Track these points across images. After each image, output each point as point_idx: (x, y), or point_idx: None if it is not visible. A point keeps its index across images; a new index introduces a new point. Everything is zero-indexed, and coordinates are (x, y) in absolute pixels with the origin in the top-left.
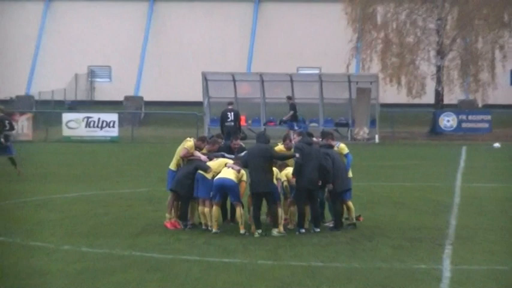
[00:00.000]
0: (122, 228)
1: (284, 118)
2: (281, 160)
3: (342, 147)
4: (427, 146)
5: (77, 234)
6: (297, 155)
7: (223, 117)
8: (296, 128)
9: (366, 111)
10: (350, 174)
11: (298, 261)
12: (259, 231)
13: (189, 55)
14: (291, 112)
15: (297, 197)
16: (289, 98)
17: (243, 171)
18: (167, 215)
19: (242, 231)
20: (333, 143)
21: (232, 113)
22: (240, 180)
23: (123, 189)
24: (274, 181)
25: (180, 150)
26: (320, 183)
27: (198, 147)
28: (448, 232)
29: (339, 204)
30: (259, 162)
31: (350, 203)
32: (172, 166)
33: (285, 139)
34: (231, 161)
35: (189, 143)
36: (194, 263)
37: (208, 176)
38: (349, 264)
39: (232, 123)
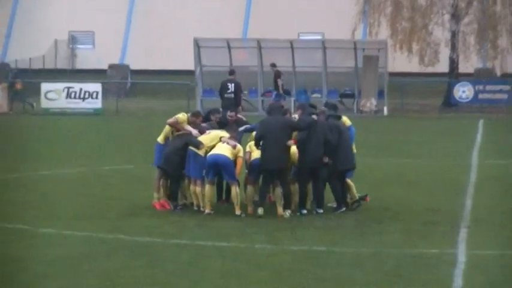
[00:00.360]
0: (105, 209)
1: (281, 91)
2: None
3: (344, 119)
4: (441, 119)
5: (56, 216)
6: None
7: (223, 88)
8: (275, 98)
9: (374, 81)
10: (353, 150)
11: (300, 246)
12: (261, 209)
13: (179, 19)
14: (279, 81)
15: (300, 175)
16: (273, 65)
17: (239, 147)
18: (155, 195)
19: (238, 212)
20: None
21: (232, 84)
22: (236, 156)
23: (107, 166)
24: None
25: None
26: (327, 159)
27: (192, 124)
28: (463, 214)
29: (338, 183)
30: (278, 136)
31: (349, 181)
32: (160, 139)
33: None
34: (226, 135)
35: (182, 116)
36: (185, 247)
37: (201, 152)
38: (355, 249)
39: (233, 95)
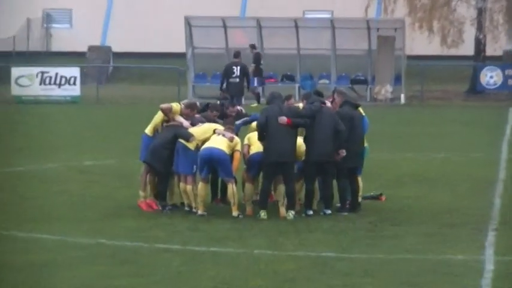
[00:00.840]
0: (85, 210)
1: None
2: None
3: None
4: (465, 108)
5: (29, 219)
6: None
7: (227, 73)
8: (256, 84)
9: (389, 65)
10: (365, 144)
11: (305, 252)
12: (264, 213)
13: None
14: (253, 65)
15: (306, 171)
16: (252, 46)
17: (236, 139)
18: (141, 193)
19: (235, 213)
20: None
21: (238, 67)
22: (233, 150)
23: (86, 162)
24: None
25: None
26: (344, 152)
27: (185, 116)
28: (491, 215)
29: (346, 181)
30: (282, 126)
31: (359, 180)
32: (148, 130)
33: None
34: (220, 127)
35: (176, 107)
36: (175, 253)
37: (191, 146)
38: (367, 255)
39: (238, 80)
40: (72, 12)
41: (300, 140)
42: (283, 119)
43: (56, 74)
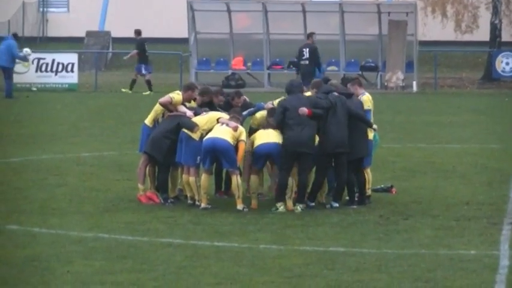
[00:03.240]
0: (82, 203)
1: (125, 57)
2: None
3: (365, 99)
4: (481, 95)
5: (25, 211)
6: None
7: (299, 55)
8: (144, 72)
9: (401, 51)
10: (370, 136)
11: (313, 246)
12: (282, 206)
13: None
14: (134, 51)
15: (319, 162)
16: (137, 32)
17: (241, 129)
18: (140, 186)
19: (240, 206)
20: (359, 91)
21: (307, 49)
22: (237, 140)
23: (83, 152)
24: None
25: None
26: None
27: (187, 100)
28: (507, 208)
29: (352, 174)
30: (303, 117)
31: (368, 171)
32: (148, 121)
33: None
34: (224, 115)
35: (177, 96)
36: (177, 247)
37: (195, 135)
38: (378, 250)
39: (307, 62)
40: None
41: None
42: (303, 110)
43: (53, 61)
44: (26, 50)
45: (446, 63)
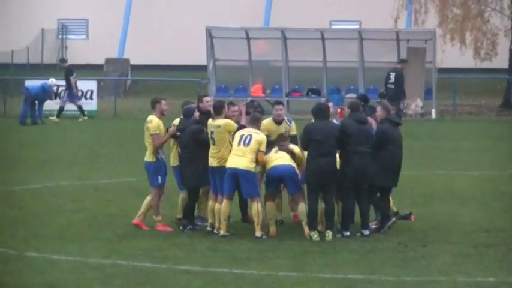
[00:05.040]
0: (100, 229)
1: (74, 90)
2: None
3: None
4: (499, 122)
5: (43, 237)
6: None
7: (386, 78)
8: (65, 98)
9: (420, 78)
10: None
11: (332, 273)
12: (316, 235)
13: (188, 5)
14: (73, 80)
15: (342, 190)
16: (62, 61)
17: (261, 138)
18: (156, 218)
19: (258, 233)
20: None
21: (394, 74)
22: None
23: (102, 179)
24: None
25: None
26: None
27: (161, 114)
28: None
29: (379, 200)
30: (330, 145)
31: (390, 199)
32: (149, 158)
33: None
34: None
35: (152, 122)
36: (195, 274)
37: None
38: (396, 277)
39: (393, 86)
40: (88, 23)
41: (297, 149)
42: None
43: None
44: (52, 80)
45: (464, 90)
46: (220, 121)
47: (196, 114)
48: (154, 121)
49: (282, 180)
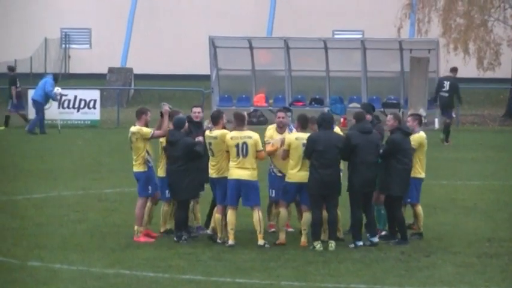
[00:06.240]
0: (103, 239)
1: (15, 101)
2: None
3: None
4: (503, 132)
5: (46, 247)
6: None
7: (439, 86)
8: (11, 108)
9: (423, 88)
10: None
11: (335, 283)
12: (319, 244)
13: (191, 14)
14: (13, 89)
15: (351, 200)
16: (10, 69)
17: (255, 138)
18: (139, 228)
19: (261, 242)
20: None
21: (448, 82)
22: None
23: (105, 189)
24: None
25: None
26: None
27: (145, 125)
28: None
29: (400, 211)
30: (333, 156)
31: (419, 208)
32: (138, 168)
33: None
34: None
35: (142, 130)
36: (198, 284)
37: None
38: (400, 287)
39: (447, 94)
40: (91, 32)
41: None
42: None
43: (75, 97)
44: (58, 89)
45: (468, 100)
46: (217, 132)
47: (186, 124)
48: (143, 129)
49: (299, 192)
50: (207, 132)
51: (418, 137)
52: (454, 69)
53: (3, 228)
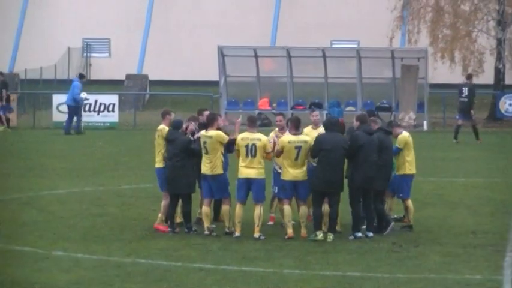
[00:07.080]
0: (121, 231)
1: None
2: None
3: (402, 138)
4: (486, 134)
5: (69, 238)
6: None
7: (459, 92)
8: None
9: (413, 93)
10: (407, 171)
11: (332, 271)
12: (320, 234)
13: (202, 26)
14: (4, 92)
15: (351, 196)
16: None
17: (264, 141)
18: (162, 217)
19: (256, 235)
20: (398, 130)
21: (466, 88)
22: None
23: (123, 185)
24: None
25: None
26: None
27: (168, 125)
28: (510, 236)
29: (379, 204)
30: (338, 156)
31: (410, 203)
32: (159, 164)
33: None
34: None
35: (165, 130)
36: (208, 272)
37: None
38: (391, 275)
39: (466, 99)
40: (110, 42)
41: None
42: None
43: (95, 101)
44: (84, 93)
45: (454, 104)
46: (212, 132)
47: (184, 126)
48: (166, 129)
49: (295, 188)
50: (203, 132)
51: (402, 137)
52: (469, 76)
53: (30, 221)
